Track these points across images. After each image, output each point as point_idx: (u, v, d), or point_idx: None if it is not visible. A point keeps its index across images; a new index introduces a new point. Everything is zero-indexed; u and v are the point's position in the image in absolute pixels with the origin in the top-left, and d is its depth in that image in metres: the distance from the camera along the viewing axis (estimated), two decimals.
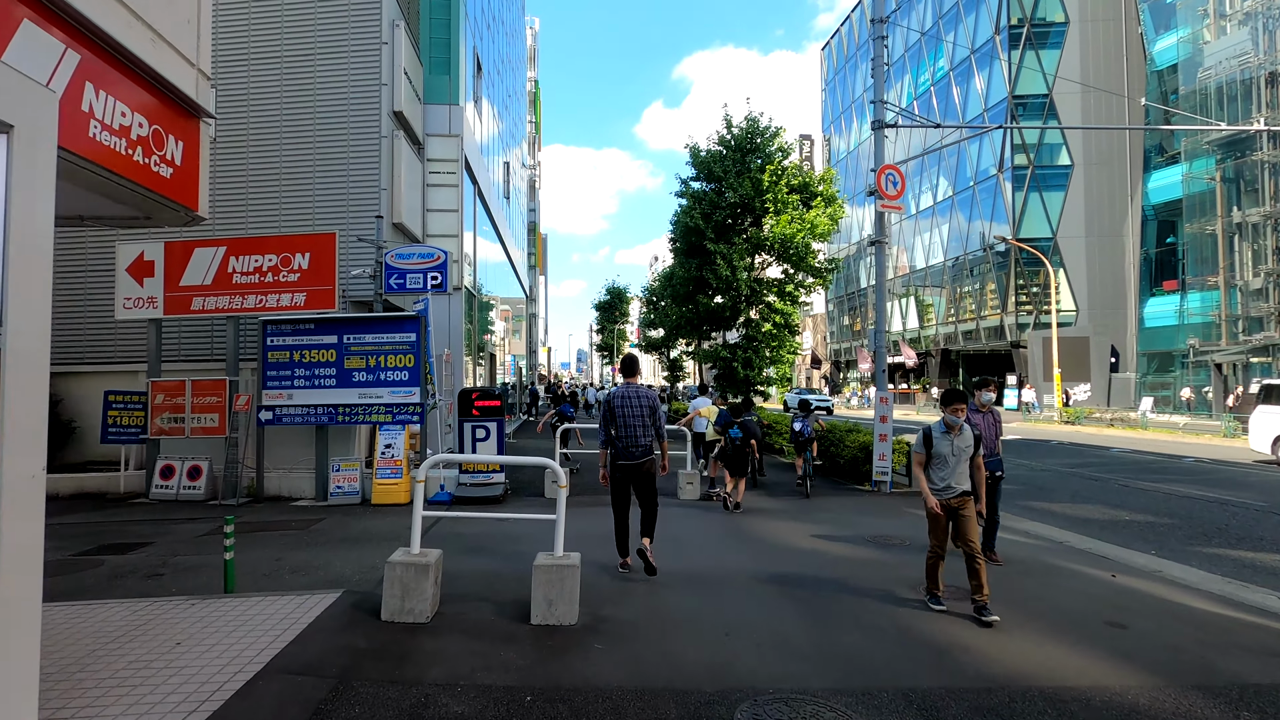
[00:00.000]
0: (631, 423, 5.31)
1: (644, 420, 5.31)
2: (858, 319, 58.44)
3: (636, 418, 5.31)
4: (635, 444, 5.34)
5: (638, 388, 5.43)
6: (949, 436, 4.77)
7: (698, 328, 20.40)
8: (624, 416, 5.32)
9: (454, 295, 12.85)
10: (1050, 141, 37.64)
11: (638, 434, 5.32)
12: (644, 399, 5.34)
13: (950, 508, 4.74)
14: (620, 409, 5.33)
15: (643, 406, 5.31)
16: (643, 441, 5.33)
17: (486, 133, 18.05)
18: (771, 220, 18.11)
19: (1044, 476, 12.70)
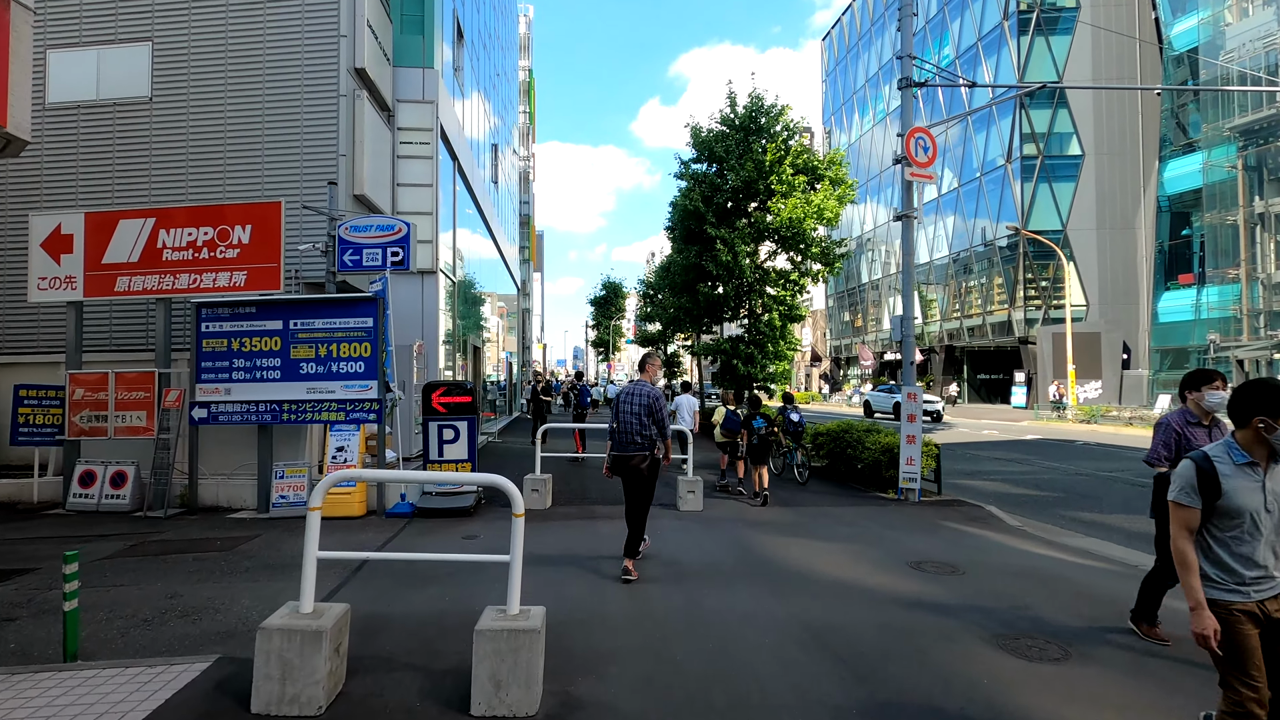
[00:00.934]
0: (627, 418, 5.41)
1: (640, 417, 5.39)
2: (858, 315, 57.22)
3: (633, 414, 5.40)
4: (630, 439, 5.41)
5: (642, 384, 5.55)
6: (1251, 471, 2.44)
7: (697, 320, 19.12)
8: (622, 412, 5.44)
9: (428, 279, 11.55)
10: (1060, 131, 36.41)
11: (632, 429, 5.40)
12: (644, 396, 5.44)
13: (1271, 619, 2.42)
14: (621, 404, 5.47)
15: (641, 404, 5.41)
16: (636, 438, 5.39)
17: (470, 108, 16.71)
18: (777, 204, 16.83)
19: (1082, 482, 11.45)
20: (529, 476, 8.29)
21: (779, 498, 9.28)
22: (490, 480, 3.25)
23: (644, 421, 5.37)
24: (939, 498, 9.37)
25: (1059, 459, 14.48)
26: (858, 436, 10.75)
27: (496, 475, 3.34)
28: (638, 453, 5.38)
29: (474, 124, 17.34)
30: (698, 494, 8.25)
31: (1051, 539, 7.24)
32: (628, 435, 5.40)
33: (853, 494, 9.72)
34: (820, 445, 11.92)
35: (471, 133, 16.83)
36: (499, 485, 3.23)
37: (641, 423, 5.37)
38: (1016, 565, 5.82)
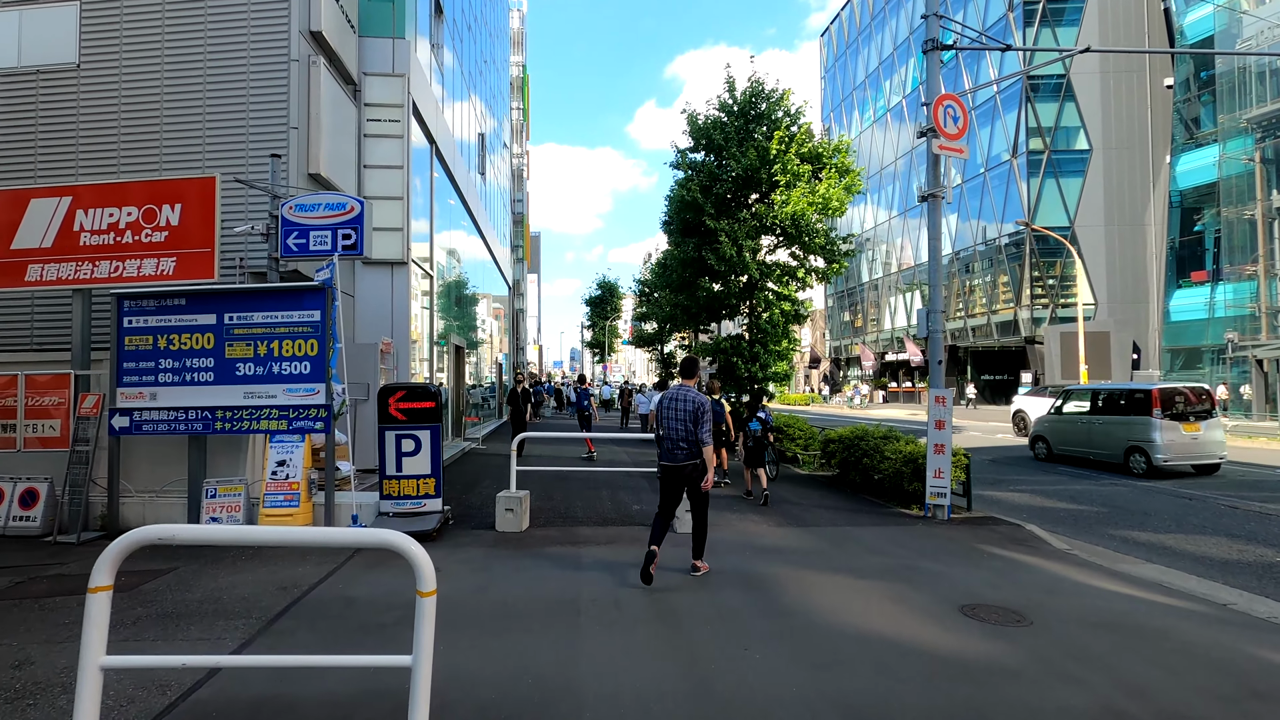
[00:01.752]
0: (674, 426, 5.30)
1: (685, 424, 5.26)
2: (858, 315, 56.21)
3: (679, 422, 5.28)
4: (676, 447, 5.30)
5: (686, 389, 5.38)
6: None
7: (694, 318, 18.01)
8: (667, 420, 5.33)
9: (398, 271, 10.45)
10: (1067, 125, 35.45)
11: (678, 438, 5.29)
12: (689, 402, 5.28)
13: None
14: (665, 411, 5.35)
15: (687, 412, 5.26)
16: (683, 445, 5.28)
17: (451, 91, 15.60)
18: (780, 195, 15.75)
19: (1120, 494, 10.38)
20: (502, 494, 7.17)
21: (790, 515, 8.18)
22: (381, 540, 2.14)
23: (690, 429, 5.23)
24: (970, 514, 8.28)
25: (1084, 466, 13.40)
26: (874, 444, 9.66)
27: (391, 533, 2.24)
28: (687, 461, 5.27)
29: (456, 109, 16.24)
30: None
31: (1112, 568, 6.16)
32: (673, 443, 5.28)
33: (871, 509, 8.61)
34: (831, 453, 10.83)
35: (453, 118, 15.73)
36: (391, 545, 2.13)
37: (688, 429, 5.24)
38: (1091, 610, 4.73)
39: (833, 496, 9.64)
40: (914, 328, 46.47)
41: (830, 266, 16.97)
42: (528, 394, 12.99)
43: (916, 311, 8.17)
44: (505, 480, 9.22)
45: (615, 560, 5.99)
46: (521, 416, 12.62)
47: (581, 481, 10.43)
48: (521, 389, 12.89)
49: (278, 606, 4.75)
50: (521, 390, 12.85)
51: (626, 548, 6.44)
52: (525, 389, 12.98)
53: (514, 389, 13.25)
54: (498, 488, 8.88)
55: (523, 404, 12.60)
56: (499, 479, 10.23)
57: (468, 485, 10.16)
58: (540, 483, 9.91)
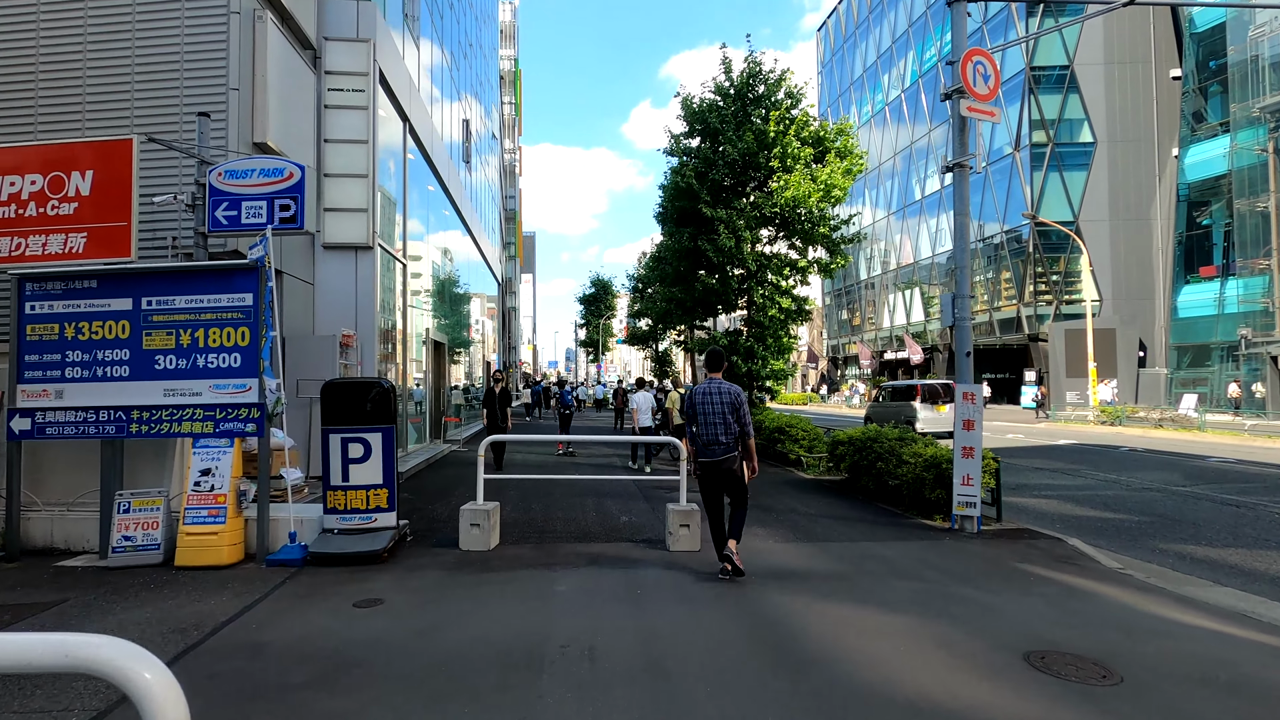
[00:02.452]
0: (713, 420, 5.15)
1: (725, 418, 5.15)
2: (856, 313, 55.36)
3: (718, 414, 5.14)
4: (715, 441, 5.18)
5: (718, 383, 5.26)
6: None
7: (690, 312, 17.04)
8: (705, 414, 5.18)
9: (362, 256, 9.46)
10: (1071, 117, 34.62)
11: (718, 432, 5.15)
12: (727, 394, 5.19)
13: None
14: (702, 405, 5.20)
15: (724, 404, 5.15)
16: (723, 439, 5.15)
17: (428, 68, 14.60)
18: (780, 180, 14.78)
19: (1158, 500, 9.45)
20: (467, 507, 6.18)
21: (798, 527, 7.21)
22: (84, 665, 1.15)
23: (729, 421, 5.14)
24: (1001, 526, 7.32)
25: (1111, 469, 12.49)
26: (889, 446, 8.70)
27: (107, 646, 1.24)
28: (727, 455, 5.17)
29: (435, 90, 15.23)
30: (693, 528, 6.16)
31: (1179, 591, 5.21)
32: (713, 437, 5.17)
33: (890, 521, 7.64)
34: (840, 456, 9.87)
35: (432, 99, 14.73)
36: (99, 670, 1.13)
37: (727, 423, 5.14)
38: (1186, 658, 3.77)
39: (843, 505, 8.68)
40: (913, 326, 45.62)
41: (834, 259, 16.05)
42: (506, 395, 11.63)
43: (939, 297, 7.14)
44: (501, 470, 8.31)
45: (595, 588, 5.02)
46: (496, 421, 11.32)
47: (565, 489, 9.44)
48: (500, 389, 11.58)
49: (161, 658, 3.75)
50: (500, 390, 11.53)
51: (609, 571, 5.46)
52: (505, 389, 11.71)
53: (489, 388, 11.79)
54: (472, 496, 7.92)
55: (500, 406, 11.36)
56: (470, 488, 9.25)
57: (439, 493, 9.16)
58: (519, 491, 8.92)
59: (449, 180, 16.69)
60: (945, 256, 41.91)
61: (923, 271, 45.00)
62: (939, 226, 43.05)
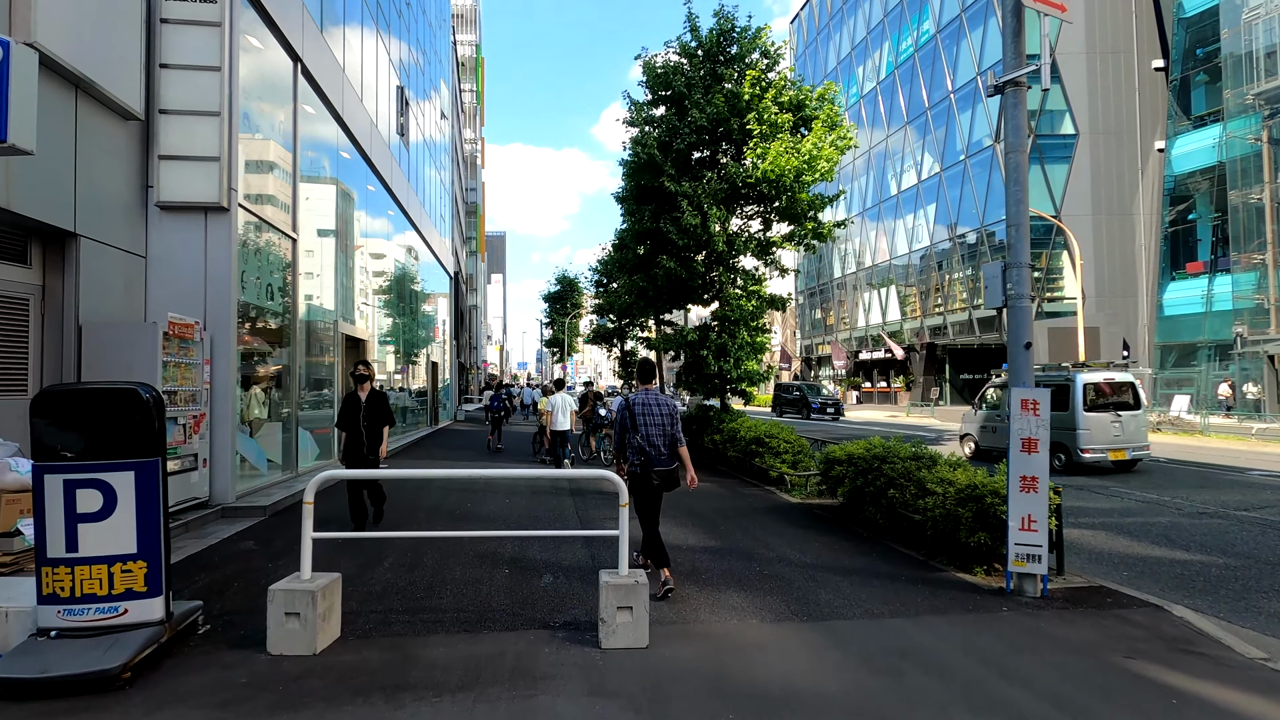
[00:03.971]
0: (654, 430, 5.11)
1: (665, 428, 5.14)
2: (830, 312, 53.90)
3: (658, 424, 5.12)
4: (659, 452, 5.10)
5: (655, 394, 5.24)
6: None
7: (653, 303, 14.92)
8: (646, 424, 5.11)
9: (215, 221, 7.16)
10: (1052, 108, 33.35)
11: (660, 442, 5.12)
12: (665, 405, 5.21)
13: None
14: (642, 415, 5.13)
15: (664, 414, 5.17)
16: (665, 450, 5.14)
17: (341, 12, 12.26)
18: (756, 149, 12.75)
19: (1227, 530, 7.58)
20: (280, 587, 3.92)
21: (789, 587, 5.11)
22: None
23: (668, 431, 5.14)
24: (1068, 583, 5.32)
25: (1141, 485, 10.69)
26: (903, 468, 6.67)
27: None
28: (672, 465, 5.15)
29: (348, 34, 12.87)
30: (638, 611, 3.99)
31: None
32: (656, 448, 5.08)
33: (914, 573, 5.58)
34: (837, 478, 7.80)
35: (344, 45, 12.37)
36: None
37: (666, 433, 5.14)
38: None
39: (846, 546, 6.61)
40: (888, 325, 44.18)
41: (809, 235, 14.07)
42: (380, 406, 6.77)
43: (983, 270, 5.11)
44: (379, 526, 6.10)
45: None
46: (359, 447, 6.62)
47: (481, 527, 7.24)
48: (371, 396, 6.72)
49: None
50: (371, 398, 6.70)
51: (498, 695, 3.30)
52: (378, 396, 6.82)
53: (352, 395, 6.78)
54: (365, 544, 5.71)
55: (370, 422, 6.63)
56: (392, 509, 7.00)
57: None
58: (415, 539, 6.66)
59: (374, 151, 14.33)
60: (921, 253, 40.56)
61: (898, 269, 43.61)
62: (915, 223, 41.68)
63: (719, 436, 12.75)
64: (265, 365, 9.01)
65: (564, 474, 4.78)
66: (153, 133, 7.07)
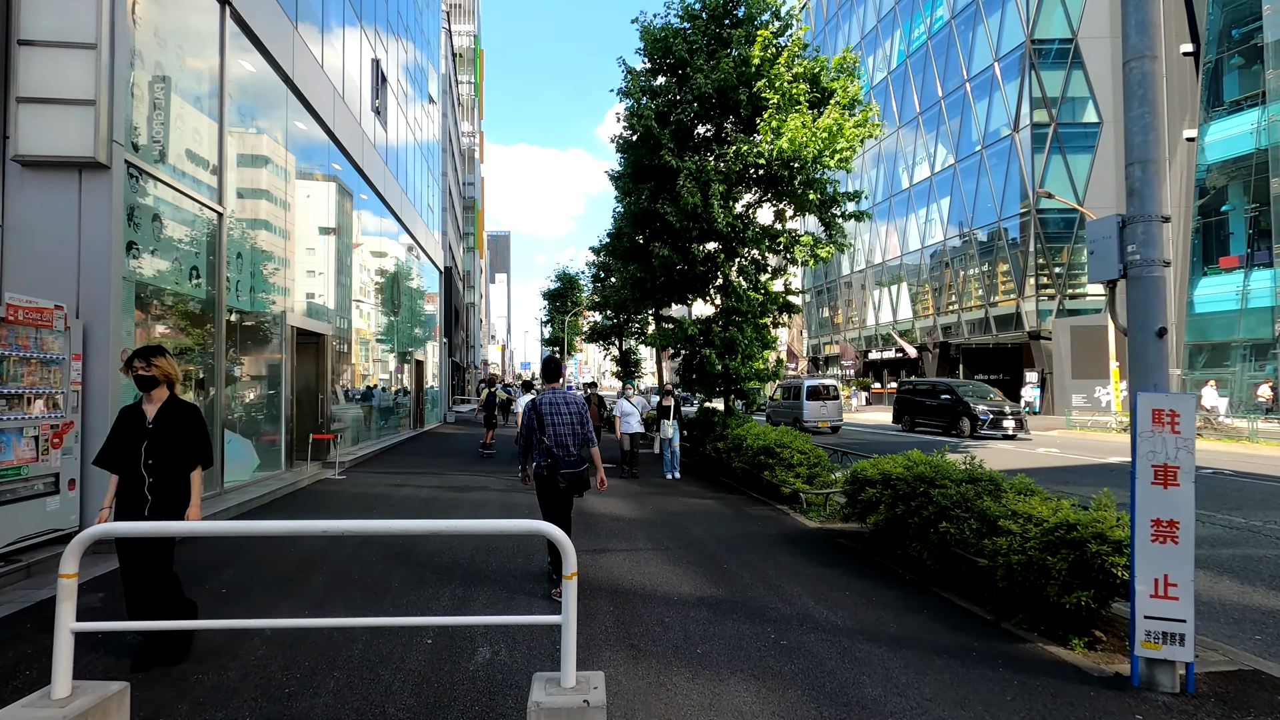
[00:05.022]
0: (563, 430, 4.98)
1: (574, 428, 5.03)
2: (838, 310, 52.31)
3: (567, 425, 5.00)
4: (568, 453, 4.99)
5: (560, 392, 5.14)
6: None
7: (650, 294, 13.43)
8: (555, 424, 4.98)
9: (91, 181, 5.71)
10: (1075, 95, 31.73)
11: (570, 443, 4.99)
12: (574, 404, 5.09)
13: None
14: (550, 416, 4.99)
15: (573, 414, 5.05)
16: (574, 451, 5.03)
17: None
18: (771, 121, 11.23)
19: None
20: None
21: (825, 678, 3.60)
22: None
23: (577, 431, 5.04)
24: (1211, 668, 3.80)
25: (1216, 504, 9.12)
26: (961, 494, 5.17)
27: None
28: (581, 467, 5.07)
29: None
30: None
31: None
32: (565, 448, 4.98)
33: (985, 645, 4.07)
34: (869, 503, 6.28)
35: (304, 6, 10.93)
36: None
37: (576, 433, 5.03)
38: None
39: (885, 595, 5.12)
40: (900, 324, 42.57)
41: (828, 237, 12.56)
42: (188, 431, 3.71)
43: (1086, 229, 3.71)
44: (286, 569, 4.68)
45: None
46: (139, 504, 3.54)
47: (393, 606, 5.76)
48: (166, 408, 3.67)
49: None
50: (165, 416, 3.65)
51: None
52: (182, 410, 3.73)
53: (131, 411, 3.71)
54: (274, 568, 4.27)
55: (164, 460, 3.59)
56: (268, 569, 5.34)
57: (207, 571, 5.37)
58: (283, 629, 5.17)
59: (338, 123, 12.89)
60: (937, 246, 38.93)
61: (910, 266, 42.02)
62: (928, 217, 40.09)
63: (722, 444, 11.26)
64: (182, 363, 7.56)
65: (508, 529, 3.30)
66: (10, 68, 5.64)
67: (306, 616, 4.35)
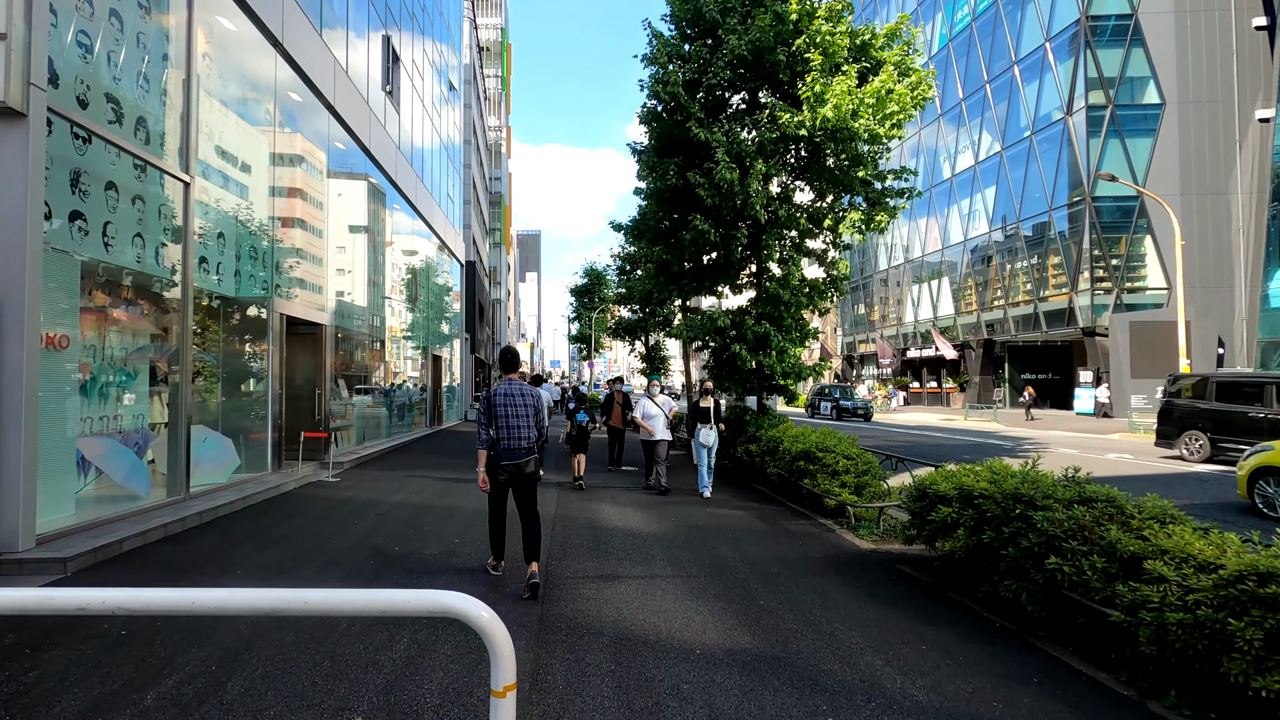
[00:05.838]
0: (515, 422, 4.90)
1: (528, 420, 4.94)
2: (874, 307, 50.40)
3: (521, 417, 4.92)
4: (519, 445, 4.89)
5: (518, 384, 5.01)
6: None
7: (677, 280, 12.26)
8: (508, 415, 4.90)
9: (3, 131, 4.77)
10: (1135, 75, 29.62)
11: (521, 435, 4.90)
12: (530, 396, 4.98)
13: None
14: (504, 407, 4.90)
15: (528, 406, 4.95)
16: (524, 444, 4.92)
17: None
18: (814, 85, 9.97)
19: None
20: None
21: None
22: None
23: (530, 424, 4.94)
24: None
25: None
26: (1074, 520, 3.93)
27: None
28: (528, 457, 4.95)
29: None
30: None
31: None
32: (516, 440, 4.88)
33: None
34: (943, 524, 5.04)
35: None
36: None
37: (528, 425, 4.93)
38: None
39: (977, 655, 3.89)
40: (941, 320, 40.64)
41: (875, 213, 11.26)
42: None
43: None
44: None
45: None
46: None
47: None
48: None
49: None
50: None
51: None
52: None
53: None
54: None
55: None
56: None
57: None
58: None
59: (341, 100, 12.00)
60: (982, 238, 36.97)
61: (951, 260, 40.08)
62: (972, 208, 38.14)
63: (755, 447, 10.06)
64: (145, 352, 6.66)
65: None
66: None
67: None
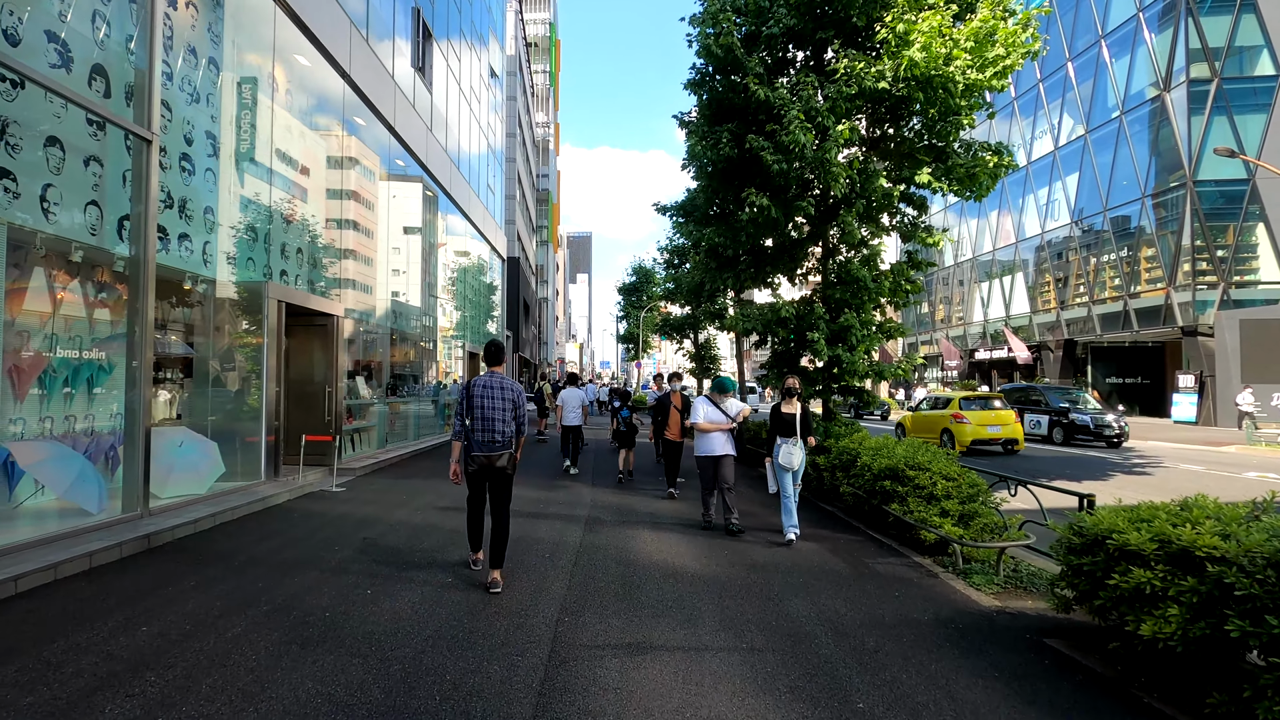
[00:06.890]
0: (492, 414, 4.80)
1: (505, 414, 4.83)
2: (938, 306, 47.52)
3: (498, 410, 4.82)
4: (493, 438, 4.81)
5: (499, 377, 4.95)
6: None
7: (730, 267, 10.71)
8: (484, 408, 4.80)
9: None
10: (1245, 44, 26.48)
11: (497, 427, 4.81)
12: (509, 390, 4.90)
13: None
14: (481, 398, 4.81)
15: (507, 399, 4.86)
16: (499, 438, 4.82)
17: None
18: (895, 25, 8.32)
19: None
20: None
21: None
22: None
23: (507, 418, 4.85)
24: None
25: None
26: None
27: None
28: (504, 451, 4.85)
29: None
30: None
31: None
32: (491, 433, 4.80)
33: None
34: (1134, 593, 3.40)
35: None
36: None
37: (505, 419, 4.84)
38: None
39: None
40: (1014, 319, 37.73)
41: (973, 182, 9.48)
42: None
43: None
44: None
45: None
46: None
47: None
48: None
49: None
50: None
51: None
52: None
53: None
54: None
55: None
56: None
57: None
58: None
59: (357, 67, 10.91)
60: (1063, 230, 34.03)
61: (1026, 254, 37.15)
62: (1050, 198, 35.20)
63: (824, 459, 8.44)
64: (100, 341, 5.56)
65: None
66: None
67: None
